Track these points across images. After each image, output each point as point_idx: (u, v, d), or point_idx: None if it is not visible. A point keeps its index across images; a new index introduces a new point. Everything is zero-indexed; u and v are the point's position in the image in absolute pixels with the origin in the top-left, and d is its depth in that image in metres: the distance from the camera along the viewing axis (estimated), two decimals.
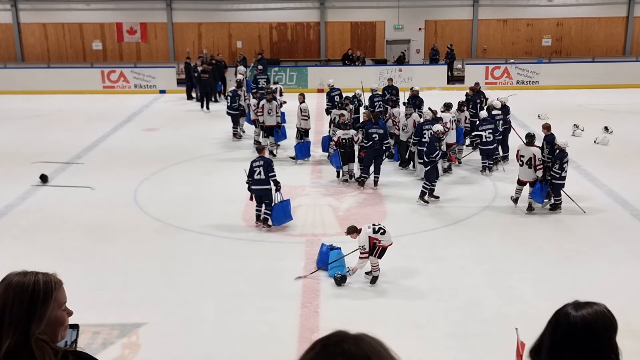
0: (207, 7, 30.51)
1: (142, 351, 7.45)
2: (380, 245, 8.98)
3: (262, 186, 11.06)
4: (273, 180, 11.01)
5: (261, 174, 10.96)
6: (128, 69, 26.76)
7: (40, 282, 2.12)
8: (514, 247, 10.40)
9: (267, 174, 10.94)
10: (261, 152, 11.44)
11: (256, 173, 11.04)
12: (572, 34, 30.90)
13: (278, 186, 11.08)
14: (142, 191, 13.35)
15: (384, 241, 9.00)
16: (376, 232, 8.96)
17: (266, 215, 11.15)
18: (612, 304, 7.67)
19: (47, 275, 2.15)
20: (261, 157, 11.19)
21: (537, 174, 11.70)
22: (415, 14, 30.49)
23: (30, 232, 11.21)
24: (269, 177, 10.97)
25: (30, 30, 30.77)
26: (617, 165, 14.93)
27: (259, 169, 10.99)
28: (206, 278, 9.35)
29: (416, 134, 13.65)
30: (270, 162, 11.15)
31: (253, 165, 11.08)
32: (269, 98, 15.79)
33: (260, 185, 11.06)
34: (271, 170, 10.98)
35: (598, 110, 21.40)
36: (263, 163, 11.01)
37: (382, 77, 23.79)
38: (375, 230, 8.98)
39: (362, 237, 8.96)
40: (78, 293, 8.74)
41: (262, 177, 10.99)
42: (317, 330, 7.83)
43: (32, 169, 14.54)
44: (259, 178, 11.01)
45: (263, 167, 10.96)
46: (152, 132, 19.11)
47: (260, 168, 10.97)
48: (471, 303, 8.49)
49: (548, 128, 12.52)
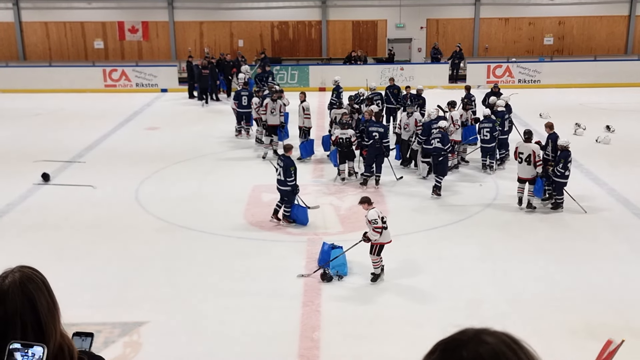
0: (208, 6, 30.51)
1: (143, 350, 7.46)
2: (377, 242, 8.97)
3: (281, 186, 11.20)
4: (291, 185, 11.05)
5: (281, 175, 11.09)
6: (130, 68, 26.76)
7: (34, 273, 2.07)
8: (515, 246, 10.39)
9: (285, 177, 11.00)
10: (288, 151, 11.43)
11: (277, 172, 11.21)
12: (573, 33, 30.86)
13: (295, 190, 11.13)
14: (143, 190, 13.36)
15: (382, 238, 8.98)
16: (383, 219, 8.93)
17: (285, 213, 11.28)
18: (613, 303, 7.66)
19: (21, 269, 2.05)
20: (283, 158, 11.23)
21: (537, 170, 11.71)
22: (416, 12, 30.48)
23: (31, 230, 11.22)
24: (287, 181, 11.02)
25: (32, 29, 30.79)
26: (618, 164, 14.91)
27: (280, 169, 11.10)
28: (208, 277, 9.36)
29: (423, 133, 13.61)
30: (290, 165, 11.08)
31: (278, 163, 11.23)
32: (274, 97, 15.77)
33: (280, 185, 11.22)
34: (289, 175, 11.01)
35: (600, 109, 21.37)
36: (283, 165, 11.07)
37: (383, 76, 23.78)
38: (382, 217, 8.96)
39: (373, 212, 8.92)
40: (79, 291, 8.80)
41: (281, 177, 11.13)
42: (319, 329, 7.84)
43: (33, 167, 14.55)
44: (279, 178, 11.18)
45: (283, 168, 11.04)
46: (154, 131, 19.12)
47: (280, 169, 11.08)
48: (472, 302, 8.49)
49: (551, 127, 12.52)
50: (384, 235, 8.98)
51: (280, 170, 11.13)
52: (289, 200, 11.21)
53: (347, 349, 7.48)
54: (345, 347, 7.51)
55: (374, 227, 8.86)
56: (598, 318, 8.01)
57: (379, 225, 8.84)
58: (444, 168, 12.79)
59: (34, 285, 2.01)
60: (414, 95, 16.87)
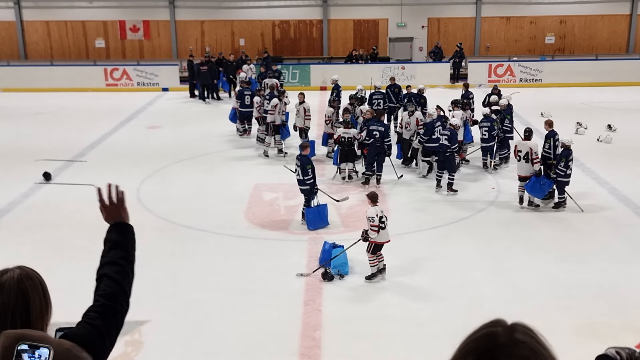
0: (209, 5, 30.51)
1: (145, 348, 7.47)
2: (373, 241, 8.95)
3: (301, 186, 11.19)
4: (309, 184, 11.03)
5: (300, 174, 11.05)
6: (131, 67, 26.77)
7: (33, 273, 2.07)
8: (517, 245, 10.39)
9: (304, 176, 10.98)
10: (304, 150, 11.40)
11: (296, 172, 11.20)
12: (575, 32, 30.83)
13: (314, 189, 11.10)
14: (145, 189, 13.37)
15: (379, 238, 8.95)
16: (381, 219, 8.90)
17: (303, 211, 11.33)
18: (615, 303, 7.66)
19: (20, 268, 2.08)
20: (300, 157, 11.19)
21: (535, 167, 11.70)
22: (418, 11, 30.46)
23: (33, 229, 11.23)
24: (305, 180, 11.01)
25: (33, 28, 30.80)
26: (620, 163, 14.90)
27: (298, 168, 11.07)
28: (209, 276, 9.37)
29: (426, 132, 13.60)
30: (307, 163, 11.06)
31: (296, 163, 11.21)
32: (281, 98, 15.75)
33: (300, 185, 11.20)
34: (306, 173, 10.97)
35: (601, 108, 21.35)
36: (300, 163, 11.04)
37: (385, 75, 23.76)
38: (381, 217, 8.92)
39: (372, 210, 8.91)
40: (81, 290, 8.75)
41: (300, 177, 11.09)
42: (320, 328, 7.84)
43: (35, 166, 14.56)
44: (298, 178, 11.14)
45: (300, 167, 11.01)
46: (155, 130, 19.13)
47: (299, 168, 11.04)
48: (474, 301, 8.48)
49: (550, 124, 12.51)
50: (381, 234, 8.95)
51: (298, 170, 11.10)
52: (307, 199, 11.16)
53: (348, 348, 7.48)
54: (346, 346, 7.51)
55: (370, 224, 8.86)
56: (599, 317, 8.00)
57: (376, 223, 8.82)
58: (451, 165, 12.84)
59: (30, 283, 2.03)
60: (415, 95, 16.86)
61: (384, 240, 9.03)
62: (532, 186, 11.77)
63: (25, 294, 2.00)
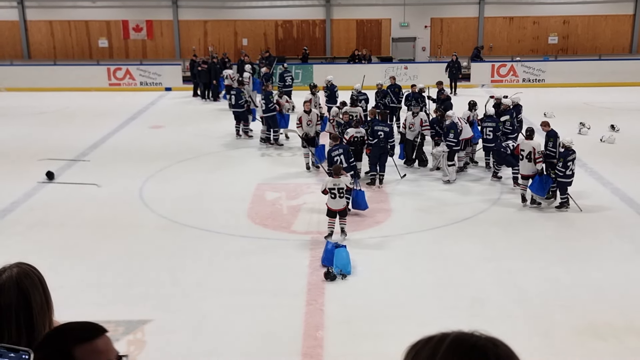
0: (212, 5, 30.54)
1: (147, 348, 7.48)
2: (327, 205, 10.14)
3: (347, 171, 11.31)
4: (352, 167, 11.32)
5: (343, 162, 11.13)
6: (134, 67, 26.82)
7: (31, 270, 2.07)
8: (519, 245, 10.37)
9: (348, 161, 11.12)
10: (336, 140, 11.53)
11: (337, 162, 11.30)
12: (578, 32, 30.80)
13: (356, 173, 11.47)
14: (147, 188, 13.38)
15: (331, 204, 10.11)
16: (332, 188, 10.02)
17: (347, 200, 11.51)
18: (618, 303, 7.67)
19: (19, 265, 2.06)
20: (339, 146, 11.35)
21: (537, 167, 11.69)
22: (421, 11, 30.45)
23: (35, 228, 11.25)
24: (349, 163, 11.23)
25: (36, 28, 30.87)
26: (623, 163, 14.88)
27: (339, 157, 11.21)
28: (211, 275, 9.37)
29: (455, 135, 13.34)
30: (348, 148, 11.37)
31: (332, 155, 11.27)
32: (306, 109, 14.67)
33: (346, 171, 11.31)
34: (350, 157, 11.39)
35: (604, 108, 21.32)
36: (343, 150, 11.16)
37: (387, 74, 23.75)
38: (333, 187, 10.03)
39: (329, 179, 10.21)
40: (83, 289, 8.81)
41: (345, 164, 11.31)
42: (322, 327, 7.84)
43: (38, 166, 14.59)
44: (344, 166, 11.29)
45: (343, 154, 11.16)
46: (158, 130, 19.15)
47: (340, 157, 11.16)
48: (477, 301, 8.48)
49: (547, 125, 12.50)
50: (332, 202, 10.16)
51: (339, 158, 11.40)
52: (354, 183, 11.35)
53: (350, 347, 7.48)
54: (349, 346, 7.51)
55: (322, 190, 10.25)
56: (602, 318, 7.99)
57: (324, 188, 10.17)
58: (504, 158, 13.10)
59: (30, 282, 2.03)
60: (418, 95, 16.81)
61: (335, 208, 10.18)
62: (534, 185, 11.77)
63: (25, 294, 2.00)
